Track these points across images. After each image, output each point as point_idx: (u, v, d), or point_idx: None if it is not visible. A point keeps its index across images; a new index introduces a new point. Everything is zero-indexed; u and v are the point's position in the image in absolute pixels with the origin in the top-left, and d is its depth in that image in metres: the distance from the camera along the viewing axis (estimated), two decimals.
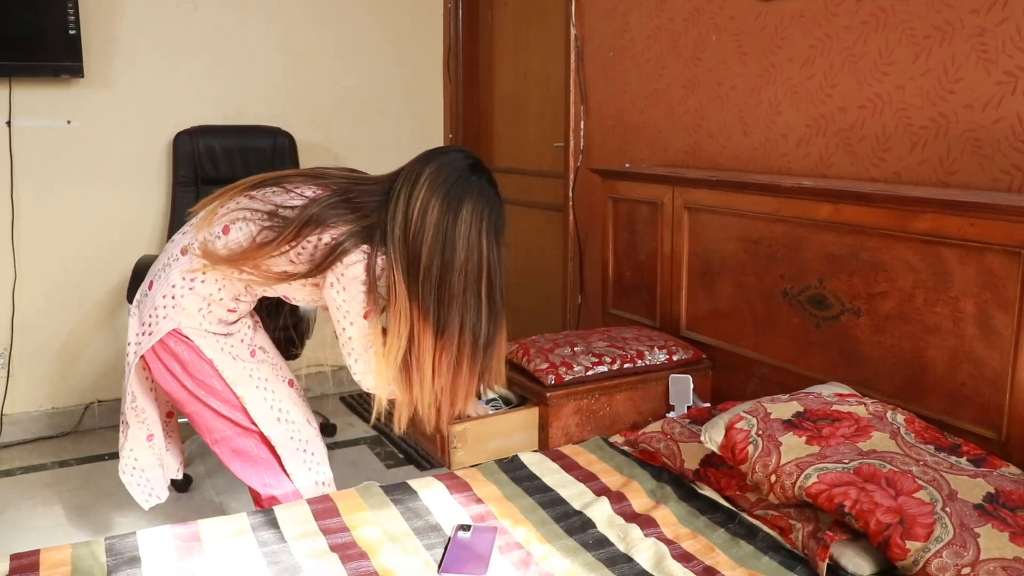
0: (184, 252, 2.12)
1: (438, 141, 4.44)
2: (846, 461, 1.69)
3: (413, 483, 1.96)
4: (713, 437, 1.88)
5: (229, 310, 2.16)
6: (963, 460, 1.73)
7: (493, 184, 2.08)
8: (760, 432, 1.82)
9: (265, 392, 2.19)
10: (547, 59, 3.81)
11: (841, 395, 1.99)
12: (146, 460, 2.34)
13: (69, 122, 3.61)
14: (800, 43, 2.51)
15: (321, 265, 1.99)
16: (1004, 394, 1.83)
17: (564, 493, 1.91)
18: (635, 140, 3.21)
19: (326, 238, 1.99)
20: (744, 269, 2.47)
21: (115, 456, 3.48)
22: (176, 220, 3.68)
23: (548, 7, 3.78)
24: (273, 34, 3.96)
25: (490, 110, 4.34)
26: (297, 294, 2.16)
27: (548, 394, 2.30)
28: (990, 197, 1.88)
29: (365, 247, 1.98)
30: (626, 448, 2.17)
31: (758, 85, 2.67)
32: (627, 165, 3.16)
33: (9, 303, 3.57)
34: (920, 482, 1.61)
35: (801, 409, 1.89)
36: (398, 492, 1.91)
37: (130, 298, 3.25)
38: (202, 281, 2.10)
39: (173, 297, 2.10)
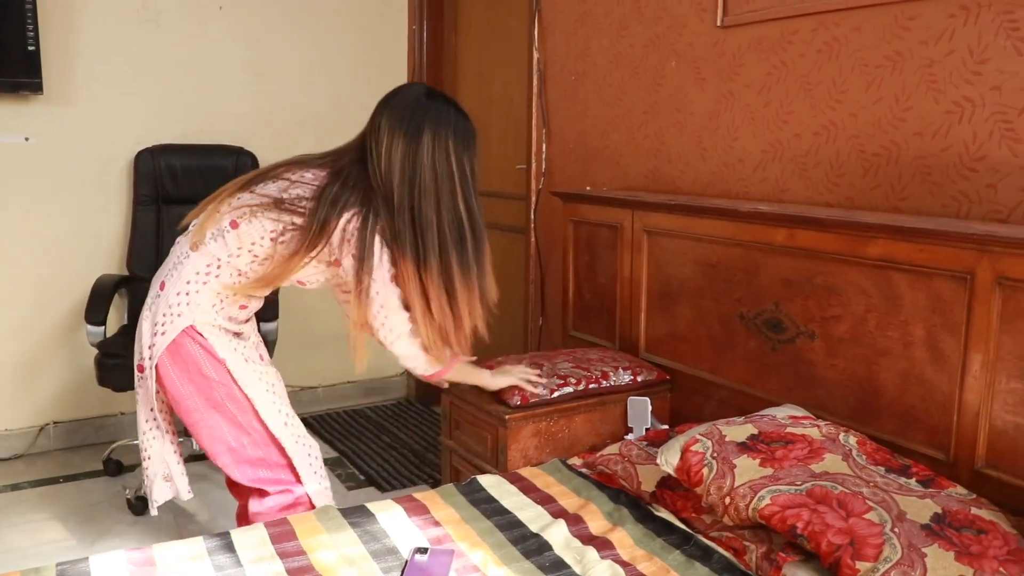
0: (195, 248, 2.11)
1: None
2: (799, 483, 1.71)
3: (371, 506, 1.95)
4: (669, 459, 1.90)
5: (241, 306, 2.17)
6: (912, 481, 1.77)
7: (452, 103, 2.15)
8: (715, 455, 1.84)
9: (274, 396, 2.19)
10: (510, 82, 3.84)
11: (795, 417, 2.02)
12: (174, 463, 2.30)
13: (27, 139, 3.58)
14: (757, 70, 2.56)
15: (363, 261, 2.03)
16: (952, 416, 1.87)
17: (522, 515, 1.92)
18: (596, 163, 3.25)
19: (341, 223, 2.01)
20: (702, 292, 2.50)
21: (70, 479, 3.44)
22: (137, 239, 3.65)
23: (511, 30, 3.82)
24: (237, 52, 3.96)
25: None
26: (315, 277, 2.17)
27: (506, 416, 2.30)
28: (938, 223, 1.93)
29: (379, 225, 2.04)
30: (584, 470, 2.18)
31: (716, 111, 2.71)
32: (588, 188, 3.19)
33: None
34: (870, 503, 1.63)
35: (756, 432, 1.92)
36: (356, 515, 1.91)
37: (88, 318, 3.23)
38: (217, 275, 2.09)
39: (187, 293, 2.09)
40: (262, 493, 2.17)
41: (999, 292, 1.76)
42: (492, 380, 2.37)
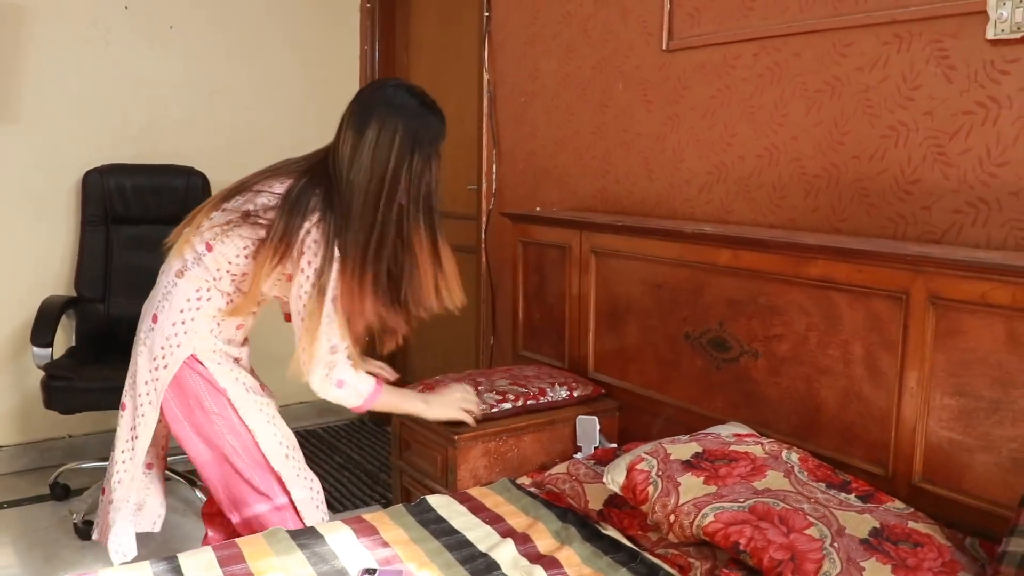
0: (180, 276, 2.08)
1: None
2: (742, 500, 1.75)
3: (320, 527, 1.95)
4: (615, 478, 1.92)
5: (237, 326, 2.15)
6: (852, 496, 1.81)
7: (417, 95, 2.05)
8: (660, 473, 1.87)
9: (274, 428, 2.16)
10: (462, 102, 3.86)
11: (739, 435, 2.06)
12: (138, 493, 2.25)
13: None
14: (702, 93, 2.61)
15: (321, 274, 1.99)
16: (890, 432, 1.92)
17: (470, 535, 1.93)
18: (546, 184, 3.28)
19: (302, 233, 1.97)
20: (649, 312, 2.53)
21: (15, 504, 3.38)
22: (85, 259, 3.62)
23: (463, 51, 3.85)
24: (188, 72, 3.95)
25: None
26: (273, 292, 2.15)
27: (455, 437, 2.31)
28: (876, 244, 1.98)
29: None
30: (533, 489, 2.19)
31: (662, 133, 2.76)
32: (537, 209, 3.22)
33: None
34: (811, 519, 1.67)
35: (700, 450, 1.95)
36: (304, 537, 1.90)
37: (35, 340, 3.19)
38: (208, 299, 2.07)
39: (183, 323, 2.06)
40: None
41: (933, 311, 1.81)
42: (428, 411, 2.27)
